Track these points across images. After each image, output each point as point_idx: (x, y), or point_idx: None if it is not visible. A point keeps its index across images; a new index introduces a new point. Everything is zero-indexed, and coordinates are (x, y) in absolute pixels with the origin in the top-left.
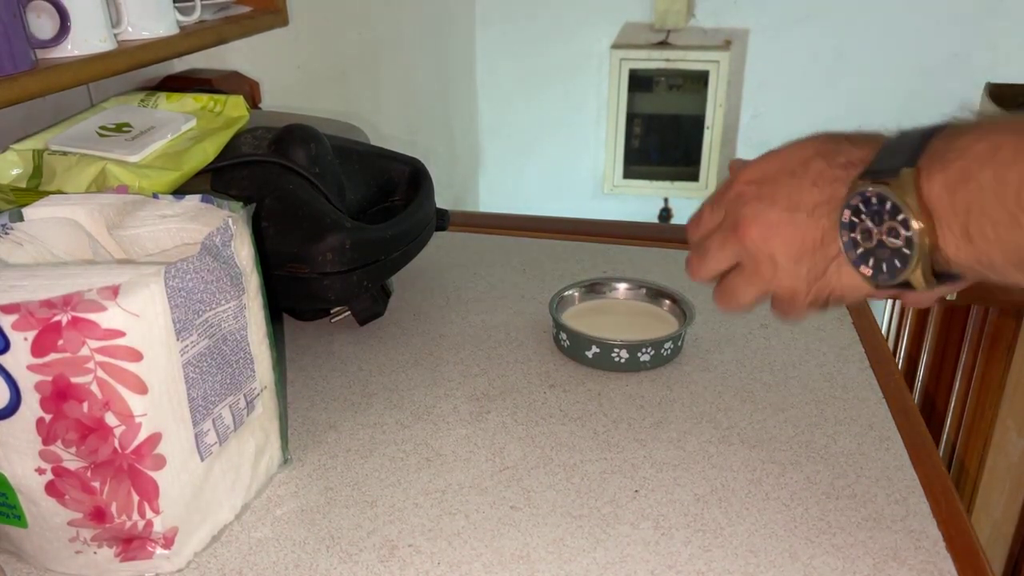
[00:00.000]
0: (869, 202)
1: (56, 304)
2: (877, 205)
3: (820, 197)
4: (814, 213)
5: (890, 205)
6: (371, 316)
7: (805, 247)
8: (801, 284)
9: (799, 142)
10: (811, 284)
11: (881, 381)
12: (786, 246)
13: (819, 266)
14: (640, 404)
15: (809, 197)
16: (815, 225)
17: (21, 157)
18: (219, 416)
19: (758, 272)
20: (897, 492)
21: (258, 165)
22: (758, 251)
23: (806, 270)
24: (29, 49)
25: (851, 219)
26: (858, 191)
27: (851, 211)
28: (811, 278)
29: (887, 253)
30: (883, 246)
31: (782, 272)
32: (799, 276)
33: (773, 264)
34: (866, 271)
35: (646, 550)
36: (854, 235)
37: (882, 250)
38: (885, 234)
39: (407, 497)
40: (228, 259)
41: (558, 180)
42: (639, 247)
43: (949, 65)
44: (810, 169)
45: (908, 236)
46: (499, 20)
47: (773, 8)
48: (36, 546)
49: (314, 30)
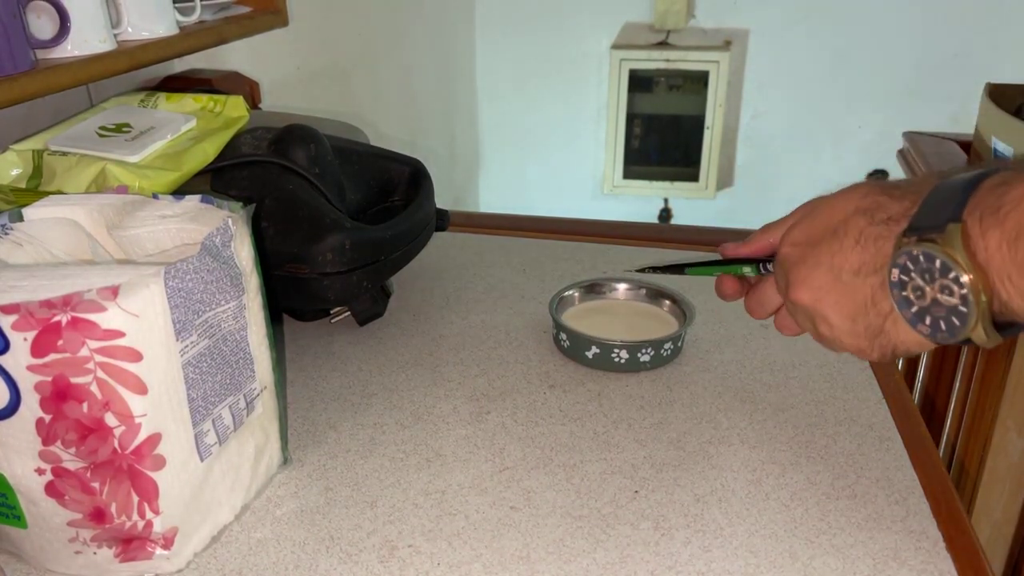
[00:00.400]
0: (917, 260)
1: (56, 304)
2: (926, 263)
3: (864, 256)
4: (860, 273)
5: (940, 263)
6: (371, 316)
7: (857, 307)
8: (863, 342)
9: (839, 196)
10: (872, 340)
11: (881, 381)
12: (838, 306)
13: (875, 324)
14: (640, 404)
15: (853, 257)
16: (863, 284)
17: (21, 157)
18: (219, 416)
19: (819, 332)
20: (897, 492)
21: (258, 165)
22: (813, 313)
23: (863, 328)
24: (29, 49)
25: (900, 278)
26: (904, 250)
27: (899, 270)
28: (870, 335)
29: (943, 311)
30: (938, 304)
31: (839, 331)
32: (858, 334)
33: (829, 325)
34: (924, 329)
35: (646, 550)
36: (906, 294)
37: (938, 308)
38: (939, 292)
39: (407, 497)
40: (228, 259)
41: (558, 180)
42: (639, 247)
43: (949, 65)
44: (851, 228)
45: (963, 293)
46: (499, 21)
47: (773, 8)
48: (36, 546)
49: (314, 30)
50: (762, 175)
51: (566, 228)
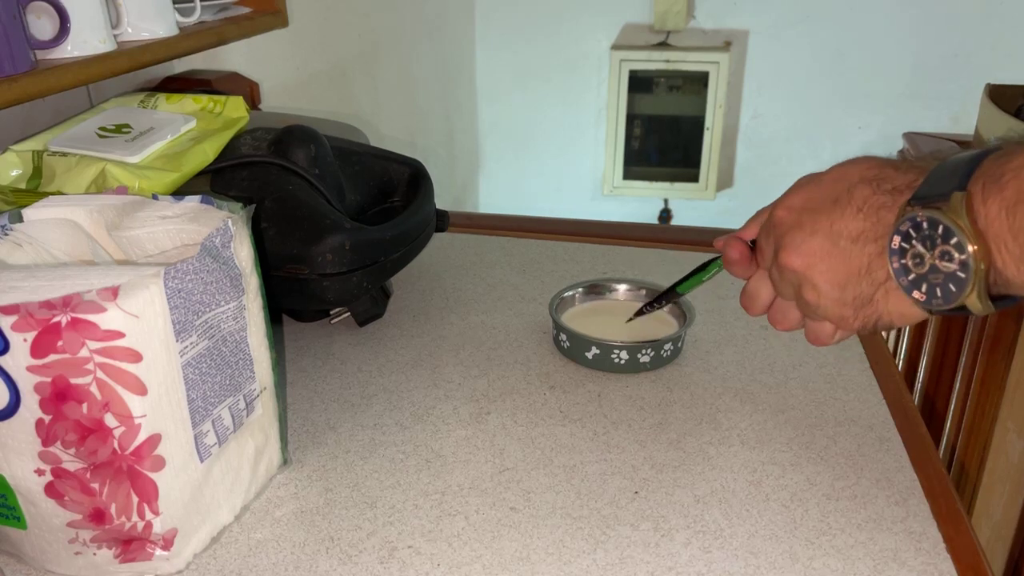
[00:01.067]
0: (920, 227)
1: (56, 305)
2: (929, 230)
3: (865, 224)
4: (858, 240)
5: (942, 229)
6: (371, 317)
7: (850, 274)
8: (847, 310)
9: (842, 167)
10: (858, 310)
11: (881, 382)
12: (829, 273)
13: (866, 292)
14: (640, 405)
15: (853, 224)
16: (860, 252)
17: (21, 158)
18: (218, 417)
19: (803, 298)
20: (897, 493)
21: (258, 166)
22: (801, 279)
23: (852, 297)
24: (29, 50)
25: (901, 245)
26: (908, 216)
27: (901, 237)
28: (857, 304)
29: (940, 278)
30: (936, 271)
31: (826, 299)
32: (845, 302)
33: (816, 291)
34: (919, 296)
35: (646, 551)
36: (904, 261)
37: (935, 275)
38: (938, 259)
39: (407, 498)
40: (228, 260)
41: (558, 181)
42: (639, 248)
43: (949, 66)
44: (855, 196)
45: (963, 259)
46: (499, 21)
47: (773, 9)
48: (35, 547)
49: (314, 31)
50: (762, 176)
51: (566, 229)
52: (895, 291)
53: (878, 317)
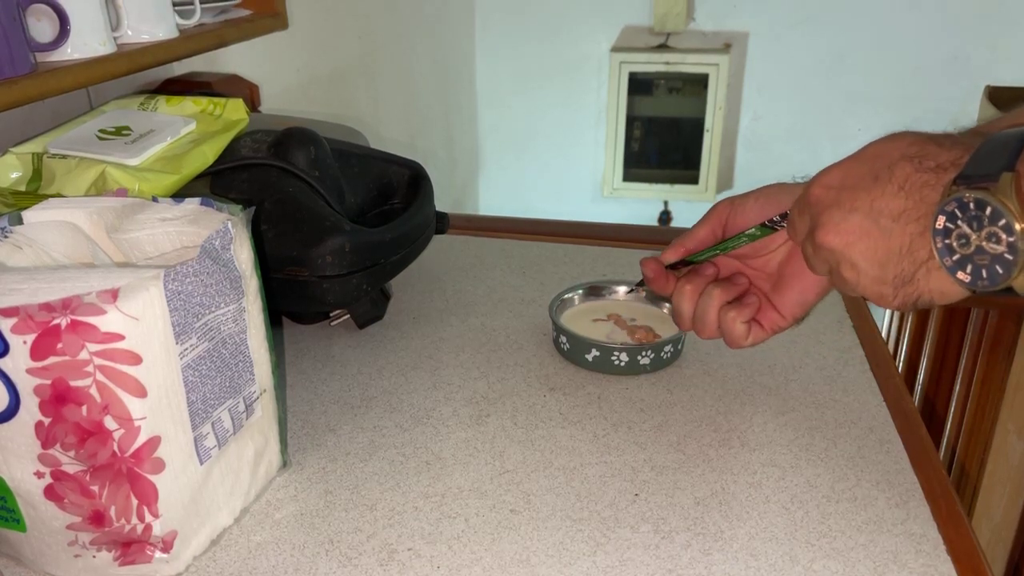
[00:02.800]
0: (966, 207)
1: (55, 307)
2: (976, 211)
3: (907, 203)
4: (900, 219)
5: (991, 210)
6: (370, 319)
7: (891, 253)
8: (887, 289)
9: (881, 144)
10: (898, 288)
11: (881, 384)
12: (870, 251)
13: (907, 271)
14: (640, 407)
15: (895, 203)
16: (902, 231)
17: (20, 160)
18: (218, 420)
19: (841, 277)
20: (897, 495)
21: (258, 168)
22: (839, 257)
23: (892, 275)
24: (28, 52)
25: (945, 225)
26: (954, 196)
27: (946, 217)
28: (898, 283)
29: (987, 259)
30: (982, 252)
31: (865, 277)
32: (885, 281)
33: (855, 270)
34: (964, 277)
35: (646, 553)
36: (948, 241)
37: (981, 256)
38: (985, 240)
39: (407, 501)
40: (227, 262)
41: (558, 183)
42: (639, 250)
43: (948, 67)
44: (896, 173)
45: (1011, 241)
46: (499, 23)
47: (772, 11)
48: (35, 550)
49: (314, 33)
50: (762, 177)
51: (566, 231)
52: (937, 271)
53: (918, 296)
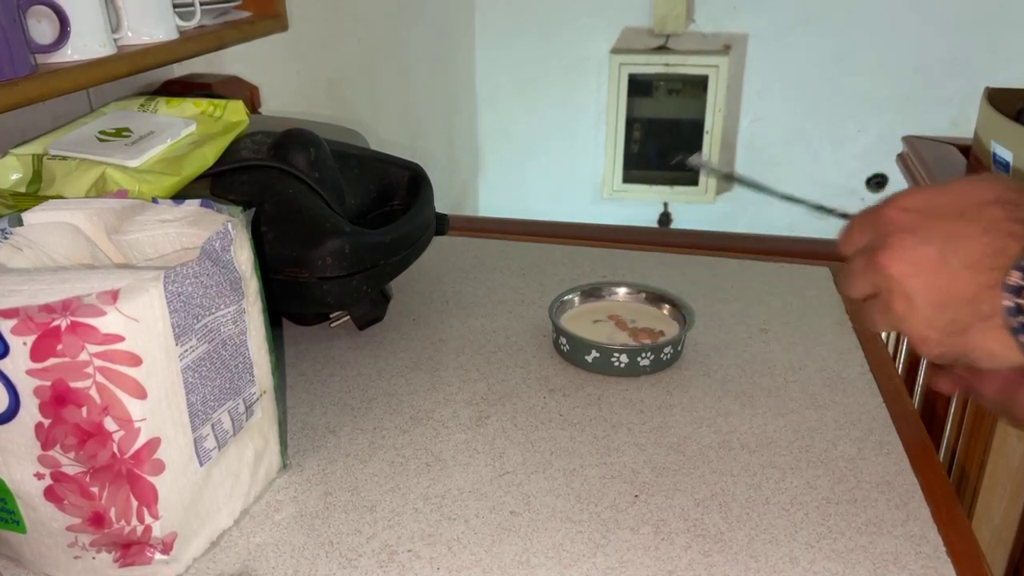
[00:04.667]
0: None
1: (55, 309)
2: None
3: (987, 249)
4: (975, 265)
5: None
6: (370, 321)
7: (952, 297)
8: (934, 333)
9: (974, 181)
10: (945, 336)
11: (881, 386)
12: (931, 290)
13: (963, 321)
14: (640, 409)
15: (975, 246)
16: (971, 278)
17: (21, 162)
18: (218, 421)
19: (891, 307)
20: (897, 497)
21: (258, 169)
22: (895, 286)
23: (946, 322)
24: (29, 54)
25: (1019, 283)
26: None
27: (1022, 273)
28: (948, 331)
29: None
30: None
31: (916, 314)
32: (935, 325)
33: (909, 304)
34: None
35: (646, 555)
36: (1020, 301)
37: None
38: None
39: (406, 502)
40: (227, 264)
41: (558, 185)
42: (639, 251)
43: (948, 69)
44: (984, 215)
45: None
46: (499, 25)
47: (772, 13)
48: (35, 551)
49: (314, 35)
50: (762, 179)
51: (566, 232)
52: (995, 330)
53: (964, 351)
